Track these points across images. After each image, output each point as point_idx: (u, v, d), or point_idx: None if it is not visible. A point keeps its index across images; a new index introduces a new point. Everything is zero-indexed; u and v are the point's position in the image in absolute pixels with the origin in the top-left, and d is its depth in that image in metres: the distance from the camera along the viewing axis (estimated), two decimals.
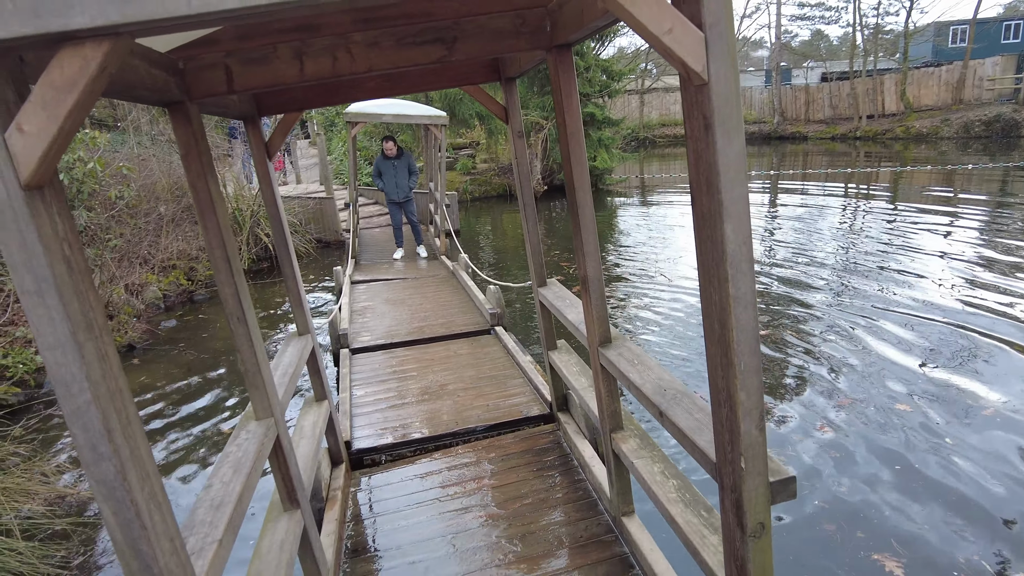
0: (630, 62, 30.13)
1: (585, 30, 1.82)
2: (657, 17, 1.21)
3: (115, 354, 1.22)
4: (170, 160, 11.39)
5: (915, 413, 4.66)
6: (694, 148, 1.36)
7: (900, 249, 9.42)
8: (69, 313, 1.09)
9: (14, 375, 5.75)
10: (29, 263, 1.06)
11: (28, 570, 3.52)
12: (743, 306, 1.37)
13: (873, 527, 3.50)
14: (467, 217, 15.31)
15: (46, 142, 1.03)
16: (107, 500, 1.18)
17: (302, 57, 2.00)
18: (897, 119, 27.80)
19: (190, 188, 2.10)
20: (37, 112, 1.02)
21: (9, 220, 1.04)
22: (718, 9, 1.21)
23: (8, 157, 1.02)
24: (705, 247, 1.40)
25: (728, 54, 1.24)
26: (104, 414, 1.14)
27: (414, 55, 2.03)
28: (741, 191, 1.31)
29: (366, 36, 2.00)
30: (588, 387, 3.23)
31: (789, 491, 1.56)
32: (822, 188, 16.28)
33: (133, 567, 1.24)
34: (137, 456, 1.22)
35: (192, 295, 9.50)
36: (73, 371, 1.11)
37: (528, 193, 3.43)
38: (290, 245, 3.21)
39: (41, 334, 1.09)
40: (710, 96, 1.26)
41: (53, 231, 1.09)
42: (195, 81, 2.02)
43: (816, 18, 39.05)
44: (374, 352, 5.73)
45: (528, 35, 2.10)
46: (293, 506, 2.46)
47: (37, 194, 1.06)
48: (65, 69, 1.02)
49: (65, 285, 1.09)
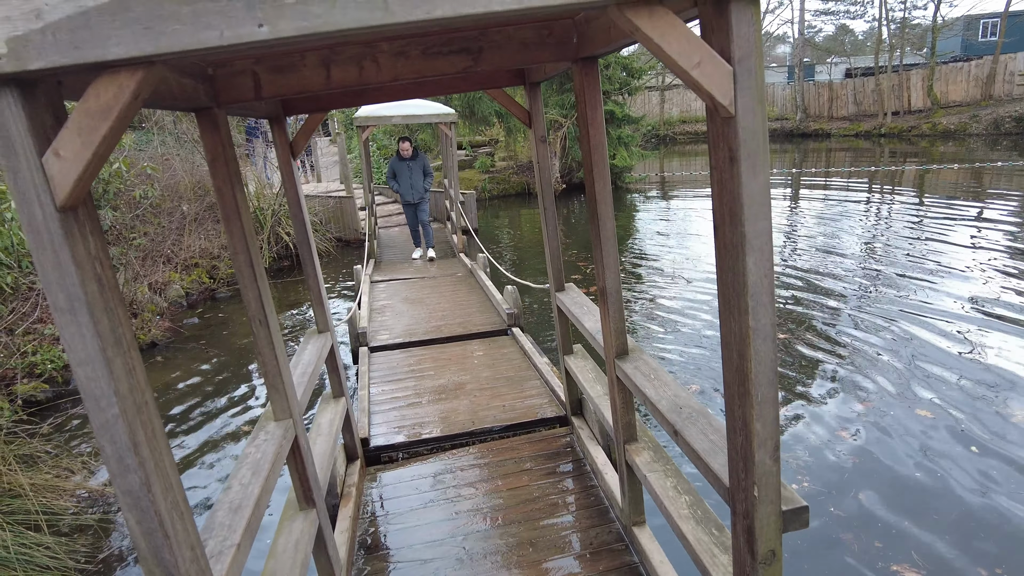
0: (650, 58, 29.76)
1: (612, 46, 1.81)
2: (687, 51, 1.20)
3: (142, 368, 1.25)
4: (193, 160, 11.54)
5: (939, 419, 4.58)
6: (718, 179, 1.35)
7: (926, 247, 9.25)
8: (99, 330, 1.11)
9: (43, 372, 5.89)
10: (62, 282, 1.08)
11: (55, 564, 3.61)
12: (762, 338, 1.36)
13: (892, 537, 3.45)
14: (485, 215, 15.32)
15: (81, 166, 1.05)
16: (132, 510, 1.21)
17: (329, 65, 2.01)
18: (924, 116, 27.12)
19: (216, 193, 2.12)
20: (73, 138, 1.05)
21: (45, 241, 1.06)
22: (747, 44, 1.20)
23: (44, 180, 1.05)
24: (726, 278, 1.40)
25: (756, 89, 1.23)
26: (131, 427, 1.17)
27: (440, 65, 2.03)
28: (764, 224, 1.30)
29: (393, 46, 2.00)
30: (603, 395, 3.23)
31: (801, 520, 1.56)
32: (845, 185, 16.02)
33: (156, 574, 1.27)
34: (161, 468, 1.25)
35: (214, 293, 9.64)
36: (102, 386, 1.13)
37: (549, 198, 3.42)
38: (312, 244, 3.25)
39: (72, 350, 1.12)
40: (736, 130, 1.25)
41: (86, 250, 1.11)
42: (223, 88, 2.04)
43: (841, 12, 38.20)
44: (392, 351, 5.78)
45: (554, 46, 2.10)
46: (309, 505, 2.50)
47: (71, 215, 1.09)
48: (101, 96, 1.05)
49: (96, 303, 1.12)
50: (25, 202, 1.05)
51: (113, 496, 4.45)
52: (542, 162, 3.41)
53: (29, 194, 1.05)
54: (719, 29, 1.22)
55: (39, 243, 1.07)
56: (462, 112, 16.49)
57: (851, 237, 10.47)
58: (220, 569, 1.57)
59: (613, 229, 2.39)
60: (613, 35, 1.73)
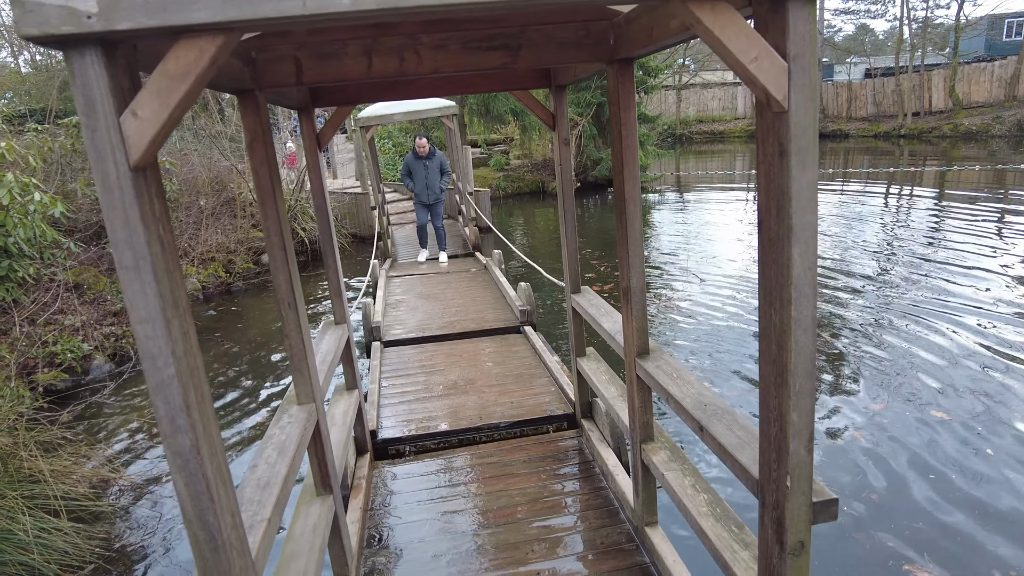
0: (667, 57, 29.75)
1: (653, 46, 1.85)
2: (744, 45, 1.24)
3: (195, 334, 1.28)
4: (211, 155, 11.66)
5: (955, 421, 4.57)
6: (766, 172, 1.38)
7: (945, 249, 9.23)
8: (160, 290, 1.15)
9: (63, 362, 5.96)
10: (129, 240, 1.12)
11: (72, 549, 3.65)
12: (803, 329, 1.39)
13: (905, 537, 3.45)
14: (499, 214, 15.39)
15: (156, 127, 1.09)
16: (180, 471, 1.25)
17: (371, 55, 2.05)
18: (945, 116, 26.78)
19: (253, 174, 2.17)
20: (151, 99, 1.09)
21: (117, 199, 1.10)
22: (803, 42, 1.24)
23: (121, 140, 1.08)
24: (769, 270, 1.43)
25: (810, 85, 1.27)
26: (184, 389, 1.20)
27: (479, 60, 2.07)
28: (811, 218, 1.34)
29: (434, 39, 2.05)
30: (617, 396, 3.25)
31: (831, 512, 1.58)
32: (863, 186, 15.97)
33: (200, 537, 1.30)
34: (208, 432, 1.28)
35: (230, 287, 9.73)
36: (160, 345, 1.17)
37: (569, 199, 3.46)
38: (334, 236, 3.29)
39: (134, 307, 1.15)
40: (788, 124, 1.29)
41: (151, 211, 1.15)
42: (265, 71, 2.09)
43: (862, 12, 37.98)
44: (405, 346, 5.81)
45: (591, 47, 2.13)
46: (326, 492, 2.52)
47: (141, 176, 1.12)
48: (180, 60, 1.09)
49: (159, 263, 1.15)
50: (100, 160, 1.09)
51: (129, 486, 4.49)
52: (564, 165, 3.44)
53: (105, 152, 1.08)
54: (775, 27, 1.26)
55: (110, 201, 1.10)
56: (478, 110, 16.59)
57: (869, 237, 10.48)
58: (253, 541, 1.60)
59: (639, 229, 2.41)
60: (655, 36, 1.76)
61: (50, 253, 6.81)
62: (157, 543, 3.91)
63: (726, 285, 8.34)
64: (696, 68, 35.42)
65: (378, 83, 2.99)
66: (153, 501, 4.35)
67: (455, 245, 10.34)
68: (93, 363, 6.51)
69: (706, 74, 35.78)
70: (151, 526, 4.08)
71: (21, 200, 5.63)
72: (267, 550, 1.68)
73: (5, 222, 5.54)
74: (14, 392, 4.70)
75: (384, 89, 3.08)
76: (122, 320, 7.19)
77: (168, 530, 4.02)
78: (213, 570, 1.34)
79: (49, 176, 8.15)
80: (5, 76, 18.46)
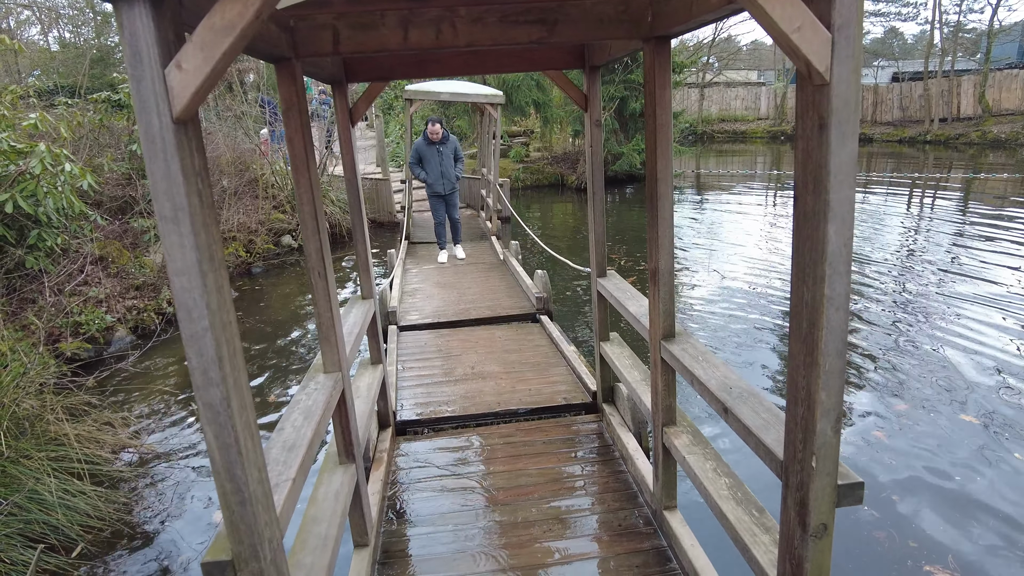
0: (692, 55, 29.39)
1: (692, 23, 1.83)
2: (788, 14, 1.22)
3: (229, 289, 1.31)
4: (235, 136, 11.73)
5: (981, 426, 4.51)
6: (804, 147, 1.36)
7: (967, 256, 9.06)
8: (198, 243, 1.17)
9: (87, 331, 6.07)
10: (169, 191, 1.14)
11: (93, 511, 3.74)
12: (836, 307, 1.37)
13: (927, 539, 3.41)
14: (517, 205, 15.33)
15: (200, 80, 1.11)
16: (211, 423, 1.27)
17: (407, 26, 2.06)
18: (973, 123, 26.18)
19: (287, 142, 2.19)
20: (196, 52, 1.10)
21: (159, 149, 1.12)
22: (849, 12, 1.22)
23: (165, 91, 1.10)
24: (804, 246, 1.41)
25: (854, 57, 1.25)
26: (217, 342, 1.22)
27: (515, 34, 2.07)
28: (849, 193, 1.32)
29: (471, 11, 2.04)
30: (640, 380, 3.24)
31: (856, 496, 1.56)
32: (885, 191, 15.72)
33: (227, 488, 1.32)
34: (239, 387, 1.30)
35: (250, 267, 9.82)
36: (195, 297, 1.19)
37: (599, 182, 3.45)
38: (363, 211, 3.31)
39: (172, 259, 1.17)
40: (830, 97, 1.27)
41: (191, 164, 1.17)
42: (303, 40, 2.10)
43: (891, 15, 37.20)
44: (421, 331, 5.84)
45: (629, 24, 2.12)
46: (349, 460, 2.55)
47: (182, 128, 1.14)
48: (226, 14, 1.10)
49: (196, 216, 1.17)
50: (145, 111, 1.11)
51: (149, 453, 4.57)
52: (595, 147, 3.43)
53: (149, 103, 1.10)
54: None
55: (152, 151, 1.12)
56: None
57: (893, 239, 10.34)
58: (278, 499, 1.62)
59: (671, 209, 2.40)
60: (695, 11, 1.75)
61: (77, 225, 6.91)
62: (172, 509, 3.98)
63: (742, 282, 8.28)
64: (720, 67, 35.07)
65: (411, 58, 3.00)
66: (170, 469, 4.42)
67: (474, 235, 10.34)
68: (115, 335, 6.62)
69: (730, 73, 35.40)
70: (168, 493, 4.15)
71: (52, 170, 5.72)
72: (291, 509, 1.71)
73: (36, 191, 5.63)
74: (41, 358, 4.79)
75: (416, 65, 3.08)
76: (143, 294, 7.29)
77: (183, 498, 4.09)
78: (239, 522, 1.36)
79: (78, 150, 8.26)
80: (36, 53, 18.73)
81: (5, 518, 3.35)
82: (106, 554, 3.58)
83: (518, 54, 3.03)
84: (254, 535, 1.38)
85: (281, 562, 1.53)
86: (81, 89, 9.80)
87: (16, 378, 4.17)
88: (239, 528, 1.37)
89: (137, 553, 3.60)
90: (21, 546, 3.32)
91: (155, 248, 8.03)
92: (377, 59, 2.98)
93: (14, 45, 6.84)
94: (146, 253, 7.92)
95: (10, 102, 6.45)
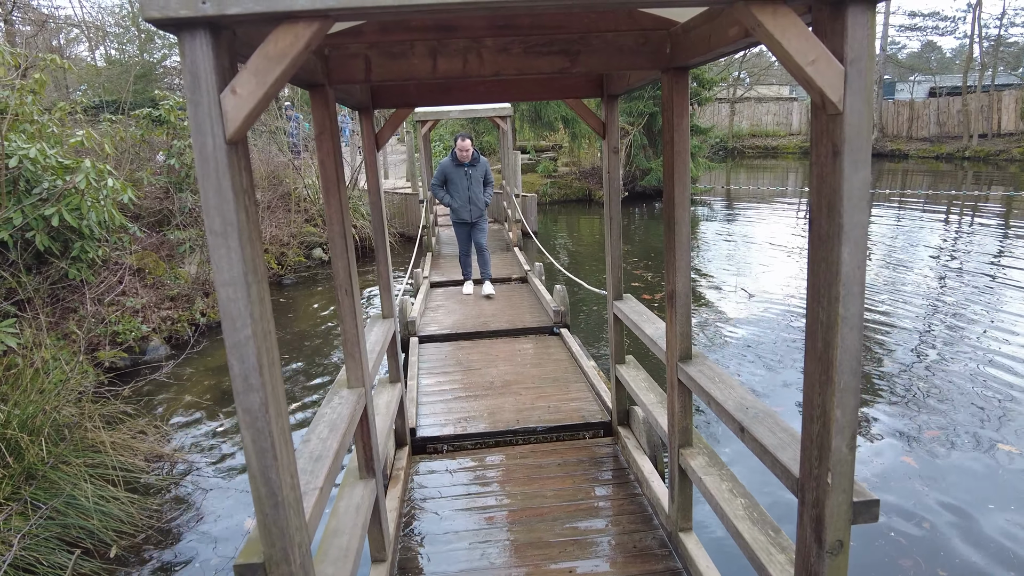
0: (722, 70, 29.26)
1: (710, 55, 1.89)
2: (803, 48, 1.29)
3: (269, 300, 1.40)
4: (269, 150, 12.07)
5: (1018, 453, 4.41)
6: (818, 172, 1.42)
7: (1008, 276, 8.85)
8: (244, 256, 1.26)
9: (124, 341, 6.30)
10: (220, 207, 1.24)
11: (127, 517, 3.87)
12: (850, 327, 1.42)
13: (956, 568, 3.34)
14: (545, 220, 15.45)
15: (252, 104, 1.21)
16: (249, 428, 1.35)
17: (436, 56, 2.15)
18: (1015, 139, 25.61)
19: (319, 165, 2.30)
20: (249, 78, 1.21)
21: (212, 169, 1.22)
22: (860, 47, 1.28)
23: (220, 115, 1.20)
24: (819, 267, 1.46)
25: (865, 89, 1.30)
26: (258, 350, 1.31)
27: (539, 64, 2.15)
28: (862, 218, 1.37)
29: (497, 42, 2.13)
30: (656, 403, 3.26)
31: (871, 513, 1.58)
32: (920, 207, 15.39)
33: (262, 492, 1.40)
34: (276, 394, 1.39)
35: (281, 279, 10.09)
36: (240, 307, 1.28)
37: (616, 207, 3.50)
38: (386, 231, 3.41)
39: (219, 271, 1.26)
40: (843, 126, 1.32)
41: (240, 183, 1.26)
42: (336, 67, 2.21)
43: (929, 29, 36.78)
44: (441, 343, 5.93)
45: (648, 55, 2.19)
46: (369, 474, 2.62)
47: (233, 149, 1.24)
48: (279, 43, 1.20)
49: (244, 231, 1.27)
50: (200, 132, 1.21)
51: (183, 463, 4.72)
52: (612, 172, 3.49)
53: (205, 126, 1.21)
54: (834, 31, 1.30)
55: (206, 171, 1.22)
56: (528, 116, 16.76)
57: (927, 260, 10.16)
58: (307, 507, 1.70)
59: (687, 234, 2.45)
60: (713, 43, 1.81)
61: (117, 237, 7.18)
62: (203, 517, 4.10)
63: (771, 301, 8.21)
64: (751, 82, 34.88)
65: (437, 86, 3.10)
66: (201, 477, 4.55)
67: (498, 247, 10.31)
68: (150, 344, 6.85)
69: (761, 88, 35.19)
70: (198, 501, 4.27)
71: (96, 185, 5.98)
72: (318, 517, 1.78)
73: (80, 205, 5.88)
74: (81, 367, 4.98)
75: (442, 92, 3.19)
76: (178, 305, 7.53)
77: (213, 506, 4.20)
78: (272, 524, 1.43)
79: (120, 164, 8.60)
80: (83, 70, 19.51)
81: (44, 522, 3.49)
82: (139, 560, 3.70)
83: (540, 82, 3.12)
84: (285, 538, 1.45)
85: (309, 568, 1.60)
86: (125, 105, 10.19)
87: (57, 386, 4.35)
88: (271, 531, 1.44)
89: (169, 559, 3.72)
90: (59, 550, 3.45)
91: (190, 260, 8.29)
92: (403, 86, 3.10)
93: (64, 64, 7.17)
94: (181, 265, 8.18)
95: (59, 119, 6.76)
